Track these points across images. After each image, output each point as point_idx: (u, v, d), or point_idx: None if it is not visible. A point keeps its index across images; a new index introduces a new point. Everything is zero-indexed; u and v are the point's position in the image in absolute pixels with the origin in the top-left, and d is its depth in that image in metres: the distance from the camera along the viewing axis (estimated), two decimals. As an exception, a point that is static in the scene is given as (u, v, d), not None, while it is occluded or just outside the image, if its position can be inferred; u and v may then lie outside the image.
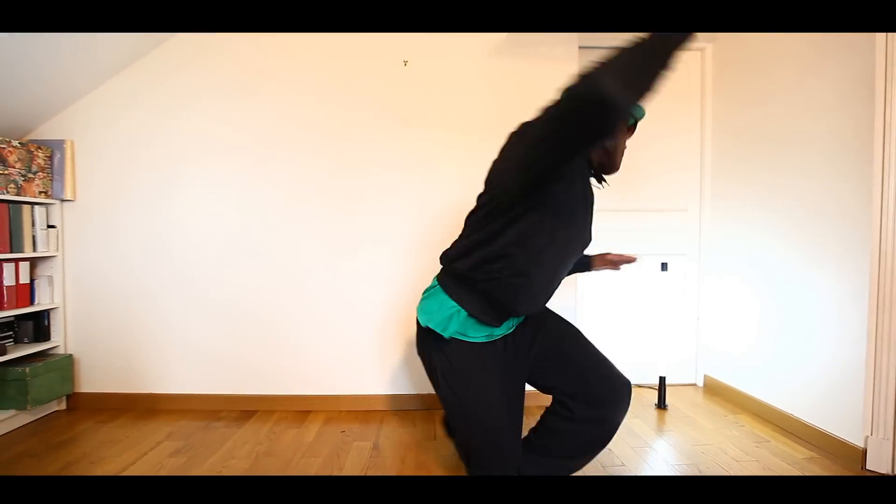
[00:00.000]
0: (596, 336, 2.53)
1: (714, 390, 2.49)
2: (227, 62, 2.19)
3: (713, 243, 2.53)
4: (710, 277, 2.55)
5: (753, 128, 2.22)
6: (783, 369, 2.04)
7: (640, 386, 2.55)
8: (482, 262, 1.24)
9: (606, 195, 2.56)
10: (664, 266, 2.41)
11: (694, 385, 2.61)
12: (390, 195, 2.23)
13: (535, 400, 1.67)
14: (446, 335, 1.31)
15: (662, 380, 2.29)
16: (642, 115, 1.27)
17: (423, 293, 1.42)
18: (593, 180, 1.39)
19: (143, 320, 2.22)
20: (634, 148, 2.55)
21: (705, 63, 2.56)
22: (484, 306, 1.30)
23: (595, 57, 0.94)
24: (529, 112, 1.10)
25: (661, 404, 2.28)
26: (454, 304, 1.32)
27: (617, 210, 2.55)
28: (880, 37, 1.62)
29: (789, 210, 2.01)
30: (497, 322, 1.33)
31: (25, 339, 2.11)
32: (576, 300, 2.33)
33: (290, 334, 2.24)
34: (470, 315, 1.31)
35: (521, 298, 1.27)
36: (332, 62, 2.21)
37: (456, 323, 1.31)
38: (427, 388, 2.20)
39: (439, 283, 1.37)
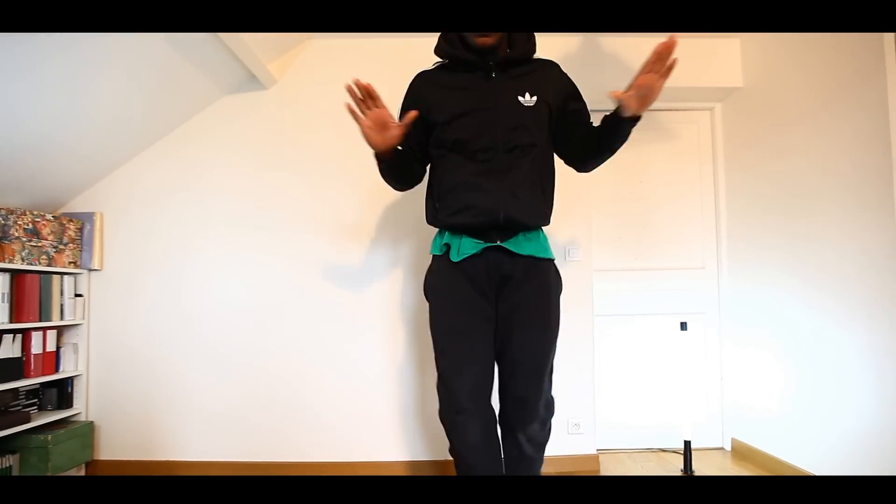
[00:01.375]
0: (616, 398, 2.52)
1: (743, 454, 2.39)
2: (248, 134, 2.30)
3: (733, 302, 2.49)
4: (731, 337, 2.49)
5: (767, 186, 2.22)
6: (816, 433, 1.95)
7: (664, 451, 2.47)
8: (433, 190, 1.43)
9: (622, 254, 2.56)
10: (683, 325, 2.37)
11: (721, 449, 2.51)
12: (403, 269, 2.27)
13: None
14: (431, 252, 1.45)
15: (688, 444, 2.21)
16: None
17: None
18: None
19: (163, 387, 2.24)
20: (647, 206, 2.58)
21: (715, 122, 2.59)
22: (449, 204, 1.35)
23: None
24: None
25: (688, 470, 2.19)
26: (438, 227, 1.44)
27: (633, 269, 2.54)
28: (892, 90, 1.63)
29: (809, 268, 1.97)
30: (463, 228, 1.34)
31: (49, 407, 2.15)
32: (593, 361, 2.29)
33: (309, 401, 2.24)
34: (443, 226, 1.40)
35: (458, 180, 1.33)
36: (352, 137, 2.30)
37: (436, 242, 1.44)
38: (444, 454, 2.16)
39: None
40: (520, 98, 1.33)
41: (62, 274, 2.13)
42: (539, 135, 1.35)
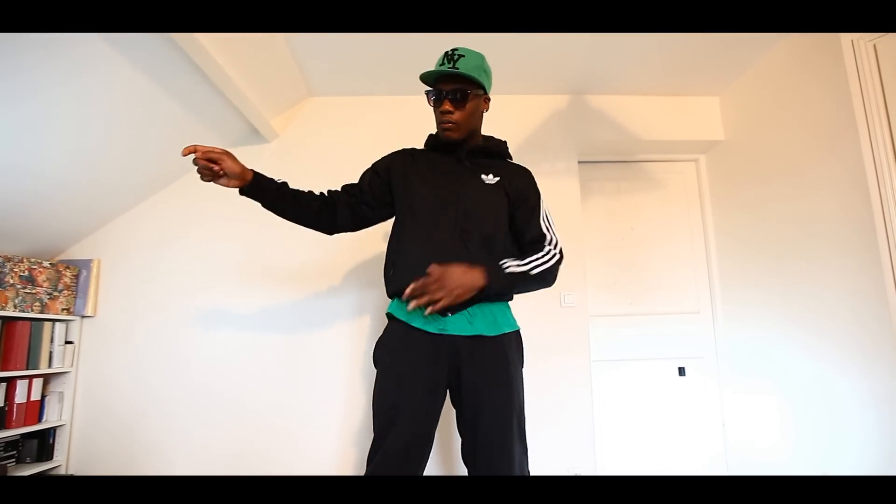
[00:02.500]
0: (616, 445, 2.44)
1: None
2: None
3: (730, 346, 2.48)
4: (730, 382, 2.46)
5: (755, 232, 2.28)
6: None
7: None
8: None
9: (617, 299, 2.58)
10: (682, 371, 2.35)
11: (728, 503, 2.40)
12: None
13: None
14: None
15: (692, 499, 2.12)
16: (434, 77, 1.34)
17: None
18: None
19: (150, 438, 2.16)
20: (640, 252, 2.62)
21: (700, 172, 2.69)
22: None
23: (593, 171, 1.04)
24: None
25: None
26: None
27: (629, 314, 2.55)
28: (865, 142, 1.71)
29: (802, 312, 1.99)
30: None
31: (28, 459, 2.06)
32: (592, 407, 2.25)
33: (308, 452, 2.16)
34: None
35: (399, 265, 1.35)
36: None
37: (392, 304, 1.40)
38: None
39: None
40: (483, 177, 1.40)
41: (54, 321, 2.12)
42: (496, 213, 1.38)
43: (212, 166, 1.27)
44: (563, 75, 2.34)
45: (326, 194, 1.48)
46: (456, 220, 1.33)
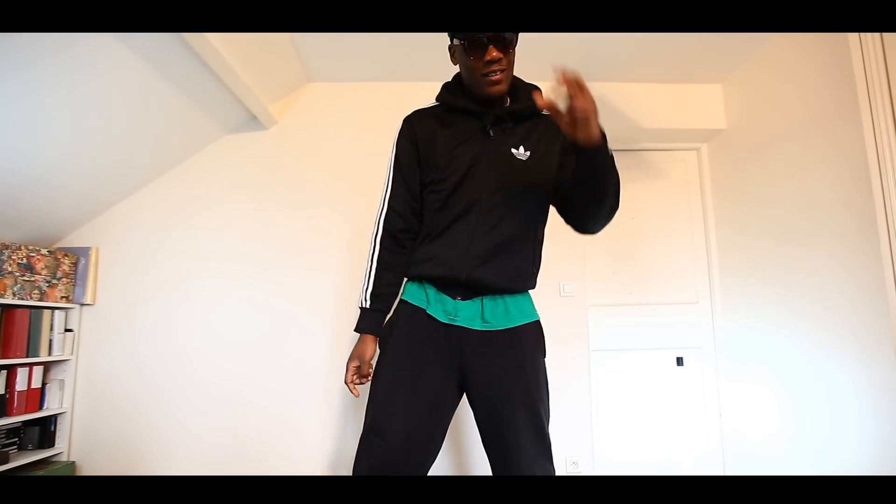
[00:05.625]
0: (614, 434, 2.46)
1: (746, 496, 2.31)
2: (247, 172, 2.35)
3: (728, 336, 2.48)
4: (728, 371, 2.47)
5: (756, 222, 2.27)
6: (816, 469, 1.91)
7: (665, 491, 2.39)
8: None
9: (616, 289, 2.58)
10: (680, 361, 2.36)
11: (723, 490, 2.43)
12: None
13: None
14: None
15: (688, 486, 2.15)
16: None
17: None
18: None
19: (151, 425, 2.18)
20: (640, 242, 2.62)
21: (702, 161, 2.68)
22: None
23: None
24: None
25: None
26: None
27: (627, 304, 2.55)
28: (868, 131, 1.70)
29: (801, 302, 1.99)
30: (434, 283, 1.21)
31: (30, 446, 2.07)
32: (590, 397, 2.26)
33: (307, 441, 2.18)
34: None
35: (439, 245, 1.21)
36: (348, 177, 2.35)
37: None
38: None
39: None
40: (514, 151, 1.21)
41: (53, 308, 2.11)
42: (531, 189, 1.23)
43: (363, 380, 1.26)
44: (564, 62, 2.31)
45: (398, 255, 1.29)
46: (487, 197, 1.19)
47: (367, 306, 1.26)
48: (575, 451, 2.21)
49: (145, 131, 2.04)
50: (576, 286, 2.32)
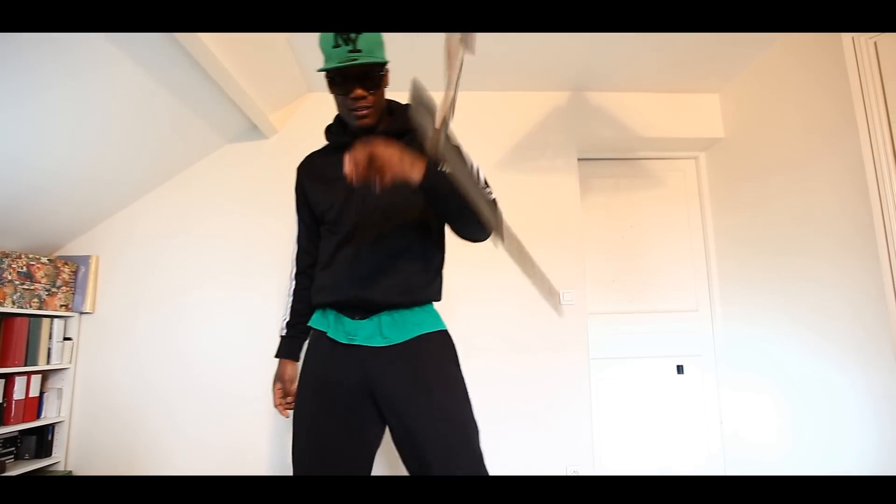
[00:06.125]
0: (615, 442, 2.45)
1: None
2: (248, 181, 2.36)
3: (728, 344, 2.48)
4: (728, 379, 2.46)
5: (754, 229, 2.28)
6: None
7: (666, 501, 2.37)
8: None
9: (615, 297, 2.58)
10: (680, 369, 2.35)
11: (725, 500, 2.41)
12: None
13: None
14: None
15: (690, 495, 2.13)
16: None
17: None
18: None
19: (150, 435, 2.16)
20: (639, 250, 2.62)
21: (700, 170, 2.69)
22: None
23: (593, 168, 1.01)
24: (535, 221, 1.15)
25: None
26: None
27: (627, 312, 2.55)
28: (865, 140, 1.71)
29: (801, 309, 1.99)
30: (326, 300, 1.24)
31: (27, 456, 2.06)
32: (591, 405, 2.25)
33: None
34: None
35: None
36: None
37: None
38: None
39: None
40: None
41: (52, 317, 2.11)
42: (407, 205, 1.22)
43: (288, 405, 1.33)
44: (562, 72, 2.34)
45: (303, 285, 1.38)
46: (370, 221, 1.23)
47: (284, 334, 1.40)
48: (575, 460, 2.20)
49: (146, 140, 2.06)
50: (576, 294, 2.32)
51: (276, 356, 1.38)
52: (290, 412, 1.27)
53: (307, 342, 1.33)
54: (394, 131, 1.26)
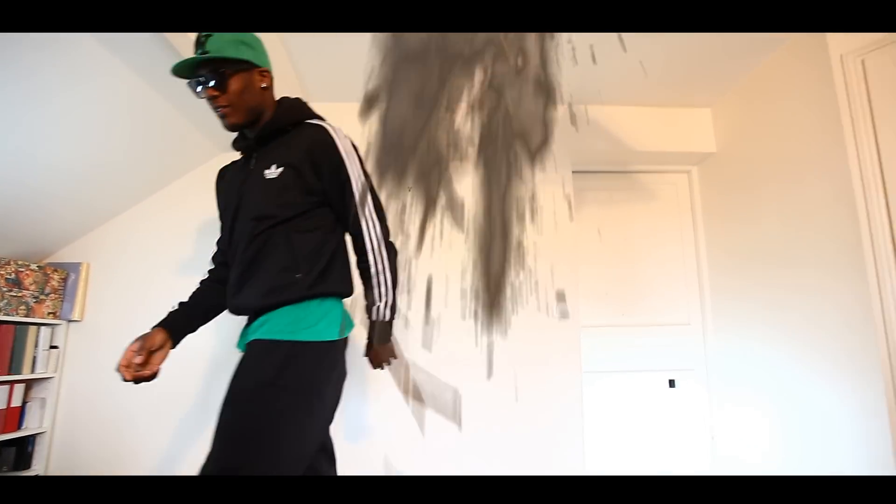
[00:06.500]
0: (606, 456, 2.42)
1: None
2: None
3: (720, 358, 2.48)
4: (720, 394, 2.46)
5: (746, 244, 2.29)
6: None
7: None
8: None
9: (607, 310, 2.58)
10: (672, 383, 2.34)
11: (720, 516, 2.39)
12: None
13: None
14: None
15: None
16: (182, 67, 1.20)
17: None
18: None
19: (137, 446, 2.12)
20: (631, 263, 2.63)
21: (692, 184, 2.72)
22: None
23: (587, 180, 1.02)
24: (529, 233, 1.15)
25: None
26: None
27: (620, 325, 2.54)
28: (853, 159, 1.73)
29: (792, 324, 2.00)
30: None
31: (4, 468, 2.00)
32: (582, 418, 2.23)
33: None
34: None
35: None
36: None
37: None
38: None
39: None
40: (266, 173, 1.21)
41: (39, 325, 2.08)
42: (280, 201, 1.20)
43: (145, 372, 1.24)
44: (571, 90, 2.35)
45: (211, 276, 1.45)
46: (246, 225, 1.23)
47: (174, 308, 1.41)
48: (566, 472, 2.17)
49: (140, 147, 2.05)
50: (569, 307, 2.31)
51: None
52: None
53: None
54: (273, 128, 1.28)
